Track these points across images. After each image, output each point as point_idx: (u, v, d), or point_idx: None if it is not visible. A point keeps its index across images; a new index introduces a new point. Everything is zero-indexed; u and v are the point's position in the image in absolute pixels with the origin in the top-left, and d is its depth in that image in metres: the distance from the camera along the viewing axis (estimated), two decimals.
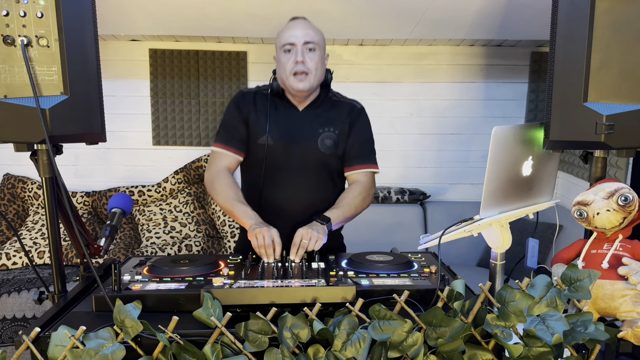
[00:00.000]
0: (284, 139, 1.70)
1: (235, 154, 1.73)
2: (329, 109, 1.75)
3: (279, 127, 1.70)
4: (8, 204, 3.34)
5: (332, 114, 1.74)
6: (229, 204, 1.63)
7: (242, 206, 1.62)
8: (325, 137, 1.71)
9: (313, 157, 1.72)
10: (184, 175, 3.48)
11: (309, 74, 1.62)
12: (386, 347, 1.01)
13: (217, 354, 0.99)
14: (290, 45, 1.61)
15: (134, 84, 3.50)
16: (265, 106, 1.72)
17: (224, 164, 1.72)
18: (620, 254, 1.20)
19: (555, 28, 1.30)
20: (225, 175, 1.70)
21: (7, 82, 1.16)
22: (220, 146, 1.73)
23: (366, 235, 3.28)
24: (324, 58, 1.70)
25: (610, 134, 1.25)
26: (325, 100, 1.76)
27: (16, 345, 1.00)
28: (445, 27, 2.99)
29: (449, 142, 3.63)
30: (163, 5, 2.63)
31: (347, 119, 1.75)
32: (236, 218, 1.62)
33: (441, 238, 1.32)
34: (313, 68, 1.63)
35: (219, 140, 1.74)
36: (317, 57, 1.64)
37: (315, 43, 1.63)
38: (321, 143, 1.71)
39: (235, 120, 1.73)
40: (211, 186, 1.71)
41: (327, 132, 1.72)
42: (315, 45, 1.62)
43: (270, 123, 1.70)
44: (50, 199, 1.27)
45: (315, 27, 1.67)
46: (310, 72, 1.62)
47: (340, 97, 1.81)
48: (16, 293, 2.67)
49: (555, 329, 0.99)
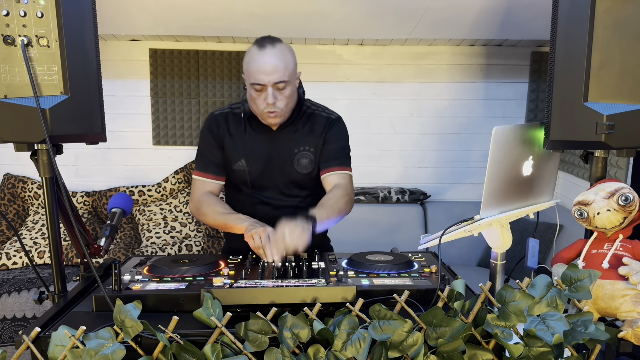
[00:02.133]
0: (259, 162, 1.68)
1: (215, 179, 1.72)
2: (304, 125, 1.71)
3: (255, 149, 1.69)
4: (8, 204, 3.34)
5: (307, 129, 1.71)
6: (220, 218, 1.63)
7: (233, 215, 1.62)
8: (300, 157, 1.69)
9: (289, 178, 1.71)
10: (184, 175, 3.48)
11: (280, 111, 1.59)
12: (386, 347, 1.01)
13: (217, 354, 0.99)
14: (260, 86, 1.55)
15: (134, 83, 3.50)
16: (239, 128, 1.69)
17: (206, 190, 1.72)
18: (620, 253, 1.20)
19: (555, 28, 1.30)
20: (208, 197, 1.70)
21: (7, 82, 1.16)
22: (199, 174, 1.72)
23: (366, 235, 3.28)
24: (296, 82, 1.64)
25: (611, 133, 1.25)
26: (299, 115, 1.71)
27: (16, 345, 1.00)
28: (446, 27, 2.99)
29: (449, 142, 3.63)
30: (163, 5, 2.64)
31: (322, 133, 1.71)
32: (231, 228, 1.60)
33: (441, 238, 1.32)
34: (283, 105, 1.59)
35: (198, 168, 1.73)
36: (288, 92, 1.59)
37: (286, 81, 1.56)
38: (297, 163, 1.69)
39: (210, 146, 1.71)
40: (198, 212, 1.70)
41: (302, 152, 1.70)
42: (285, 83, 1.56)
43: (245, 146, 1.68)
44: (51, 199, 1.27)
45: (284, 54, 1.57)
46: (281, 109, 1.59)
47: (315, 108, 1.76)
48: (16, 293, 2.67)
49: (556, 329, 0.99)
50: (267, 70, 1.53)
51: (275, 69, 1.53)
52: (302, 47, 3.45)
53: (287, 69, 1.56)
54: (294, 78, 1.61)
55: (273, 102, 1.55)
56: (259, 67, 1.54)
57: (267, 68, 1.53)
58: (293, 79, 1.60)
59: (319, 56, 3.50)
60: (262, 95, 1.56)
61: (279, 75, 1.54)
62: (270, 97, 1.55)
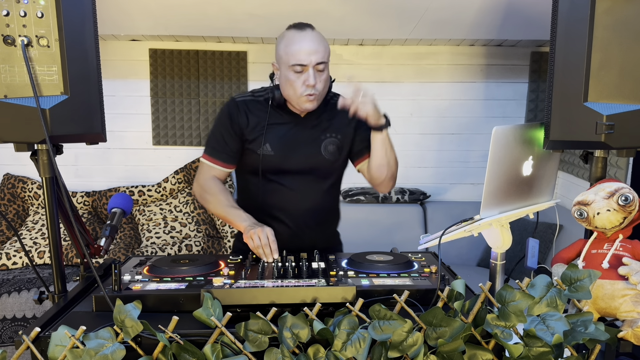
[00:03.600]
0: (286, 148, 1.67)
1: (224, 167, 1.69)
2: (330, 114, 1.72)
3: (280, 135, 1.67)
4: (8, 204, 3.34)
5: (334, 118, 1.72)
6: (222, 210, 1.63)
7: (235, 210, 1.61)
8: (328, 143, 1.69)
9: (316, 164, 1.70)
10: (184, 175, 3.48)
11: (318, 94, 1.59)
12: (386, 347, 1.01)
13: (217, 354, 0.99)
14: (301, 67, 1.54)
15: (134, 84, 3.50)
16: (262, 115, 1.67)
17: (212, 174, 1.70)
18: (620, 253, 1.20)
19: (555, 28, 1.30)
20: (214, 183, 1.68)
21: (7, 82, 1.16)
22: (209, 159, 1.69)
23: (366, 235, 3.28)
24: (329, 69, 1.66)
25: (611, 133, 1.25)
26: (325, 105, 1.72)
27: (16, 345, 1.00)
28: (446, 27, 2.99)
29: (449, 142, 3.63)
30: (163, 5, 2.64)
31: (351, 122, 1.71)
32: (231, 222, 1.61)
33: (441, 238, 1.32)
34: (322, 88, 1.59)
35: (208, 152, 1.70)
36: (325, 75, 1.60)
37: (326, 62, 1.58)
38: (324, 149, 1.69)
39: (225, 132, 1.67)
40: (201, 195, 1.69)
41: (330, 138, 1.70)
42: (324, 65, 1.58)
43: (271, 132, 1.66)
44: (50, 199, 1.27)
45: (321, 38, 1.60)
46: (319, 92, 1.59)
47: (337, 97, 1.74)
48: (16, 293, 2.67)
49: (556, 329, 0.99)
50: (309, 50, 1.54)
51: (317, 50, 1.55)
52: None
53: (326, 51, 1.58)
54: (328, 61, 1.63)
55: (314, 83, 1.55)
56: (302, 48, 1.54)
57: (310, 48, 1.54)
58: (328, 62, 1.62)
59: None
60: (302, 77, 1.56)
61: (321, 56, 1.55)
62: (311, 78, 1.55)
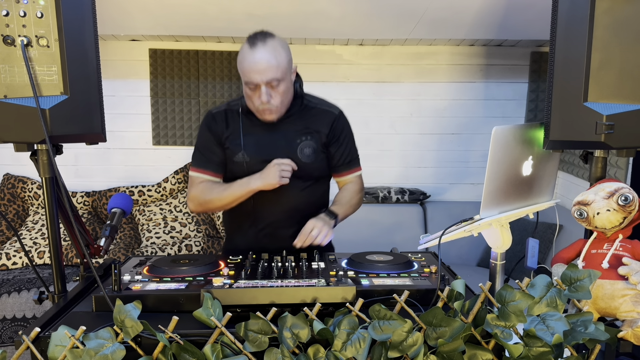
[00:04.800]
0: (261, 154, 1.66)
1: (212, 176, 1.71)
2: (304, 117, 1.70)
3: (256, 142, 1.67)
4: (8, 204, 3.34)
5: (308, 121, 1.70)
6: (225, 194, 1.63)
7: (235, 184, 1.62)
8: (304, 147, 1.68)
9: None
10: (184, 175, 3.48)
11: (275, 108, 1.58)
12: (386, 347, 1.01)
13: (217, 354, 0.99)
14: (253, 85, 1.53)
15: (134, 84, 3.50)
16: (237, 124, 1.67)
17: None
18: (620, 253, 1.20)
19: (555, 28, 1.30)
20: (204, 185, 1.69)
21: (7, 82, 1.16)
22: (197, 170, 1.71)
23: (366, 235, 3.28)
24: (291, 77, 1.62)
25: (610, 133, 1.25)
26: (299, 109, 1.70)
27: (16, 345, 1.00)
28: (445, 27, 2.99)
29: (449, 142, 3.64)
30: (163, 5, 2.64)
31: (326, 127, 1.70)
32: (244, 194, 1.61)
33: (441, 238, 1.32)
34: (278, 102, 1.57)
35: (195, 165, 1.72)
36: (282, 89, 1.56)
37: (279, 78, 1.53)
38: (300, 153, 1.68)
39: (208, 143, 1.69)
40: (199, 204, 1.69)
41: (305, 141, 1.68)
42: (278, 81, 1.53)
43: (246, 140, 1.66)
44: (50, 199, 1.27)
45: (276, 51, 1.53)
46: (275, 106, 1.58)
47: (315, 102, 1.74)
48: (16, 293, 2.67)
49: (556, 329, 0.99)
50: (259, 69, 1.50)
51: (267, 68, 1.50)
52: (301, 47, 3.45)
53: (279, 67, 1.52)
54: (288, 74, 1.58)
55: (267, 100, 1.54)
56: (251, 66, 1.51)
57: (259, 67, 1.50)
58: (287, 74, 1.58)
59: (318, 56, 3.50)
60: (256, 93, 1.55)
61: (272, 74, 1.51)
62: (264, 96, 1.53)
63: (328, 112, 1.73)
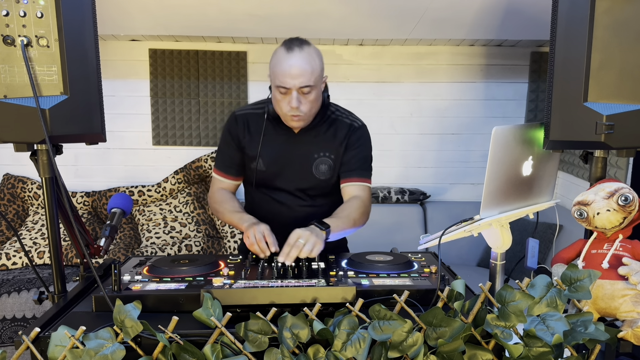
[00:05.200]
0: (278, 165, 1.68)
1: (231, 179, 1.76)
2: (326, 130, 1.69)
3: (274, 151, 1.67)
4: (8, 204, 3.34)
5: (329, 135, 1.69)
6: (228, 216, 1.67)
7: (238, 214, 1.64)
8: (320, 163, 1.68)
9: (307, 183, 1.70)
10: (183, 175, 3.48)
11: (303, 115, 1.57)
12: (386, 347, 1.01)
13: (217, 354, 0.99)
14: (285, 89, 1.53)
15: (134, 84, 3.50)
16: (259, 128, 1.68)
17: (221, 187, 1.77)
18: (620, 254, 1.20)
19: (555, 28, 1.30)
20: (221, 194, 1.74)
21: (7, 82, 1.16)
22: (217, 172, 1.78)
23: (366, 235, 3.27)
24: (321, 86, 1.61)
25: (610, 134, 1.25)
26: (323, 119, 1.69)
27: (16, 345, 1.00)
28: (445, 27, 2.99)
29: (449, 142, 3.63)
30: (163, 5, 2.64)
31: (344, 140, 1.69)
32: (236, 226, 1.65)
33: (441, 238, 1.32)
34: (307, 110, 1.57)
35: (217, 166, 1.78)
36: (312, 97, 1.56)
37: (311, 85, 1.53)
38: (316, 169, 1.68)
39: (228, 147, 1.73)
40: (213, 207, 1.76)
41: (322, 157, 1.68)
42: (310, 88, 1.53)
43: (265, 148, 1.67)
44: (50, 199, 1.27)
45: (311, 58, 1.54)
46: (304, 114, 1.57)
47: (339, 113, 1.74)
48: (16, 293, 2.67)
49: (556, 329, 0.99)
50: (293, 73, 1.50)
51: (301, 73, 1.51)
52: None
53: (313, 74, 1.53)
54: (319, 82, 1.58)
55: (297, 106, 1.53)
56: (285, 70, 1.51)
57: (294, 71, 1.50)
58: (319, 83, 1.58)
59: None
60: (287, 98, 1.54)
61: (305, 80, 1.51)
62: (294, 101, 1.53)
63: (349, 124, 1.71)
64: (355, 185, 1.70)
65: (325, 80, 1.64)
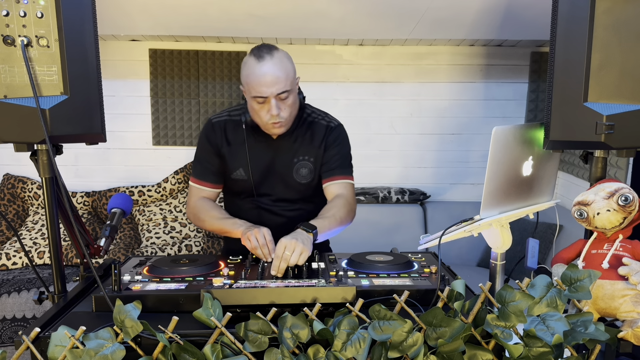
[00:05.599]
0: (259, 172, 1.67)
1: (212, 187, 1.72)
2: (304, 133, 1.69)
3: (254, 160, 1.66)
4: (8, 204, 3.34)
5: (307, 138, 1.69)
6: (217, 223, 1.63)
7: (230, 220, 1.61)
8: (300, 167, 1.68)
9: (289, 187, 1.70)
10: (184, 176, 3.48)
11: (284, 120, 1.57)
12: (386, 347, 1.01)
13: (217, 354, 0.99)
14: (263, 99, 1.52)
15: (134, 84, 3.50)
16: (237, 136, 1.66)
17: (201, 196, 1.72)
18: (620, 254, 1.20)
19: (555, 28, 1.30)
20: (205, 202, 1.70)
21: (7, 82, 1.15)
22: (196, 181, 1.72)
23: (366, 235, 3.28)
24: (296, 90, 1.60)
25: (610, 134, 1.25)
26: (300, 122, 1.69)
27: (16, 346, 1.00)
28: (446, 27, 2.99)
29: (449, 142, 3.63)
30: (163, 5, 2.63)
31: (322, 141, 1.69)
32: (228, 233, 1.61)
33: (441, 238, 1.32)
34: (288, 114, 1.56)
35: (194, 175, 1.72)
36: (290, 101, 1.55)
37: (288, 90, 1.52)
38: (296, 173, 1.68)
39: (207, 153, 1.69)
40: (195, 217, 1.70)
41: (302, 161, 1.68)
42: (287, 92, 1.52)
43: (243, 156, 1.66)
44: (50, 199, 1.27)
45: (282, 62, 1.52)
46: (285, 119, 1.57)
47: (315, 115, 1.73)
48: (16, 293, 2.67)
49: (556, 329, 0.99)
50: (268, 82, 1.49)
51: (276, 80, 1.49)
52: (302, 47, 3.45)
53: (287, 78, 1.52)
54: (294, 85, 1.58)
55: (277, 113, 1.53)
56: (260, 80, 1.49)
57: (268, 80, 1.49)
58: (294, 86, 1.57)
59: (318, 56, 3.50)
60: (265, 107, 1.53)
61: (281, 86, 1.50)
62: (274, 109, 1.52)
63: (325, 125, 1.71)
64: (337, 184, 1.69)
65: (298, 81, 1.62)
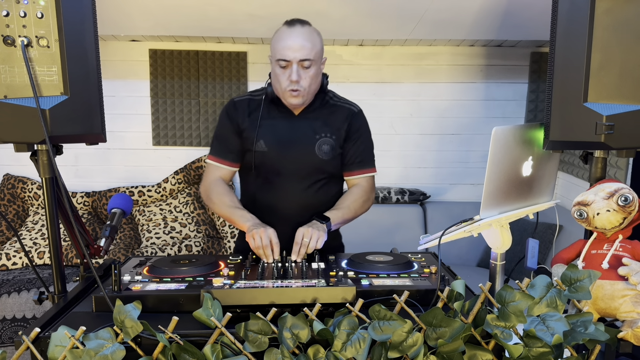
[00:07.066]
0: (280, 145, 1.67)
1: (229, 166, 1.73)
2: (326, 114, 1.72)
3: (275, 133, 1.68)
4: (8, 204, 3.34)
5: (329, 118, 1.72)
6: (226, 210, 1.65)
7: (239, 210, 1.62)
8: (322, 143, 1.69)
9: (310, 163, 1.70)
10: (184, 176, 3.48)
11: (303, 90, 1.59)
12: (386, 347, 1.01)
13: (217, 355, 0.99)
14: (285, 62, 1.56)
15: (134, 84, 3.50)
16: (258, 113, 1.69)
17: (218, 175, 1.73)
18: (620, 254, 1.20)
19: (555, 28, 1.30)
20: (219, 185, 1.71)
21: (7, 83, 1.16)
22: (214, 159, 1.74)
23: (366, 235, 3.28)
24: (321, 68, 1.65)
25: (610, 134, 1.25)
26: (322, 104, 1.73)
27: (16, 346, 1.00)
28: (446, 28, 2.99)
29: (449, 142, 3.64)
30: (163, 6, 2.64)
31: (344, 123, 1.72)
32: (235, 223, 1.63)
33: (441, 238, 1.32)
34: (307, 85, 1.59)
35: (212, 153, 1.74)
36: (312, 72, 1.59)
37: (312, 59, 1.57)
38: (318, 149, 1.69)
39: (227, 131, 1.71)
40: (207, 197, 1.72)
41: (324, 138, 1.70)
42: (311, 62, 1.57)
43: (266, 129, 1.67)
44: (50, 199, 1.27)
45: (312, 35, 1.60)
46: (304, 89, 1.59)
47: (337, 100, 1.78)
48: (16, 293, 2.67)
49: (555, 329, 0.99)
50: (294, 46, 1.54)
51: (302, 47, 1.55)
52: None
53: (313, 48, 1.57)
54: (319, 59, 1.62)
55: (297, 79, 1.56)
56: (287, 44, 1.55)
57: (295, 45, 1.54)
58: (318, 60, 1.61)
59: None
60: (287, 72, 1.57)
61: (305, 53, 1.55)
62: (294, 74, 1.56)
63: (348, 109, 1.75)
64: (357, 178, 1.77)
65: (324, 62, 1.67)
